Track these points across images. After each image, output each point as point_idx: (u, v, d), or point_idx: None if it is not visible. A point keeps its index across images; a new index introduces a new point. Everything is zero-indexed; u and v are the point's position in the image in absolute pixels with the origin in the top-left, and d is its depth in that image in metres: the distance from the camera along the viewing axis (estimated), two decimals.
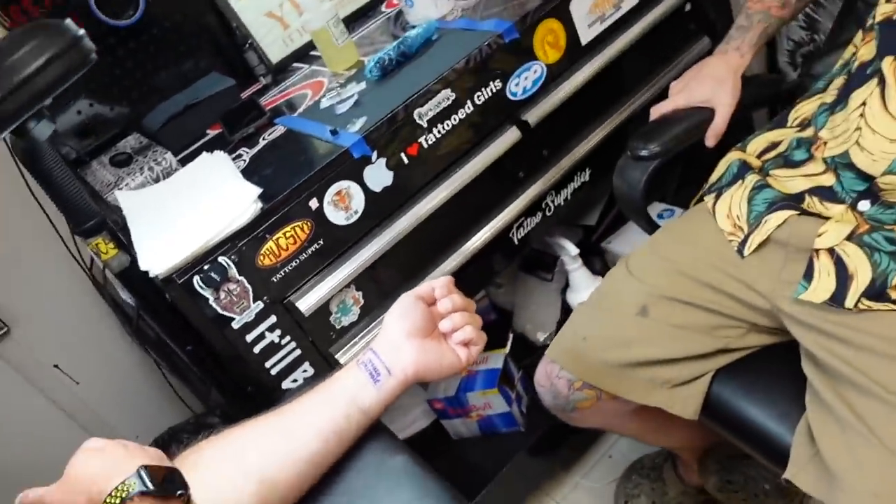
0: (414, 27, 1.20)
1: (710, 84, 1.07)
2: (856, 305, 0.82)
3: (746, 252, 0.93)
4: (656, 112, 1.10)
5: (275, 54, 1.36)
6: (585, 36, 1.20)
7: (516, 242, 1.24)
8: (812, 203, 0.91)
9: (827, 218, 0.89)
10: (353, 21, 1.45)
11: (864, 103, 0.89)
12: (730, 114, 1.05)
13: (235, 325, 0.97)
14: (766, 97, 1.14)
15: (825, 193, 0.90)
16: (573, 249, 1.38)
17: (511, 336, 1.48)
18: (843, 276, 0.83)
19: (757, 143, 1.05)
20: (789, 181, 0.95)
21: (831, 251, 0.85)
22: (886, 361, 0.78)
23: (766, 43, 1.15)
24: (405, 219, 1.07)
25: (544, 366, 1.05)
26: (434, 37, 1.19)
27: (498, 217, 1.18)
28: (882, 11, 0.91)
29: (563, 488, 1.53)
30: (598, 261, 1.59)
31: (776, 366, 0.93)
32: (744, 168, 1.00)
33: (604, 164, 1.27)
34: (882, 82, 0.87)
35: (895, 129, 0.84)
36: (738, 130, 1.09)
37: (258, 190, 0.94)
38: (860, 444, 0.77)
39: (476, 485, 1.34)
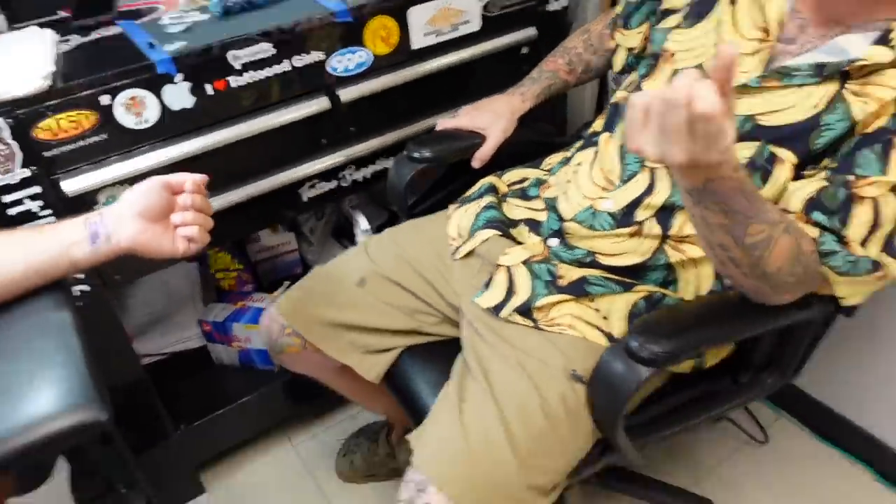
0: None
1: (490, 115, 1.23)
2: (508, 317, 0.99)
3: (456, 256, 1.10)
4: (441, 125, 1.26)
5: None
6: (418, 42, 1.34)
7: (304, 199, 1.37)
8: (521, 231, 1.09)
9: (520, 243, 1.06)
10: None
11: (580, 163, 1.07)
12: (496, 145, 1.22)
13: None
14: (537, 141, 1.31)
15: (534, 226, 1.08)
16: (364, 224, 1.52)
17: None
18: (510, 291, 1.01)
19: (512, 175, 1.22)
20: (516, 209, 1.12)
21: (508, 269, 1.02)
22: (505, 365, 0.96)
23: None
24: (196, 141, 1.17)
25: (270, 309, 1.18)
26: None
27: (291, 170, 1.31)
28: (616, 95, 1.09)
29: (302, 435, 1.67)
30: None
31: (451, 354, 1.10)
32: (490, 190, 1.17)
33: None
34: (597, 151, 1.06)
35: (590, 188, 1.02)
36: (508, 160, 1.26)
37: (51, 68, 1.03)
38: (457, 424, 0.92)
39: (210, 408, 1.47)
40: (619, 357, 0.85)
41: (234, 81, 1.18)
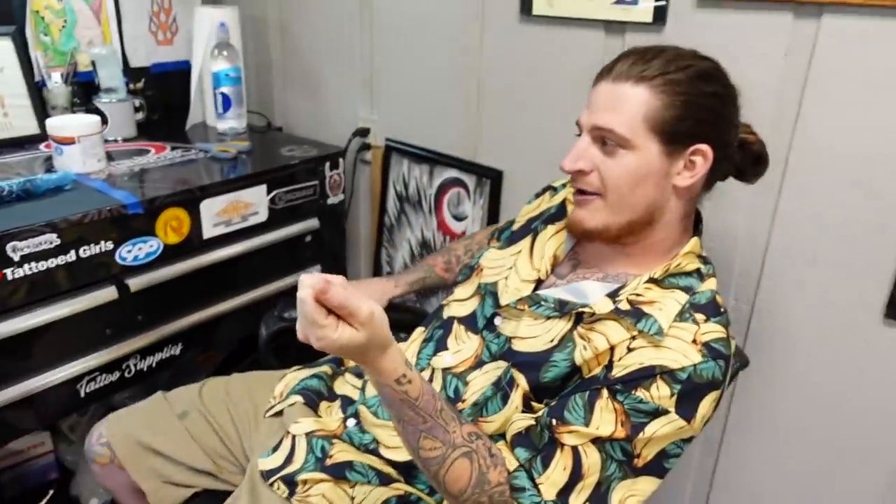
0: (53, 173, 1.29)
1: (361, 292, 1.23)
2: (275, 482, 1.01)
3: (266, 414, 1.14)
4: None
5: None
6: (208, 232, 1.39)
7: (83, 395, 1.27)
8: (328, 406, 1.13)
9: (320, 417, 1.11)
10: (6, 147, 1.49)
11: None
12: None
13: None
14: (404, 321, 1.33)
15: (347, 403, 1.12)
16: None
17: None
18: (290, 458, 1.03)
19: None
20: (346, 385, 1.16)
21: (293, 438, 1.06)
22: None
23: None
24: None
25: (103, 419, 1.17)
26: (68, 187, 1.28)
27: (68, 365, 1.22)
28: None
29: None
30: None
31: None
32: (334, 360, 1.23)
33: (195, 344, 1.41)
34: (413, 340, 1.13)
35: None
36: None
37: None
38: None
39: None
40: None
41: (11, 273, 1.11)
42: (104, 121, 1.59)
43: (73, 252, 1.18)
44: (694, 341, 0.82)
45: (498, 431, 0.91)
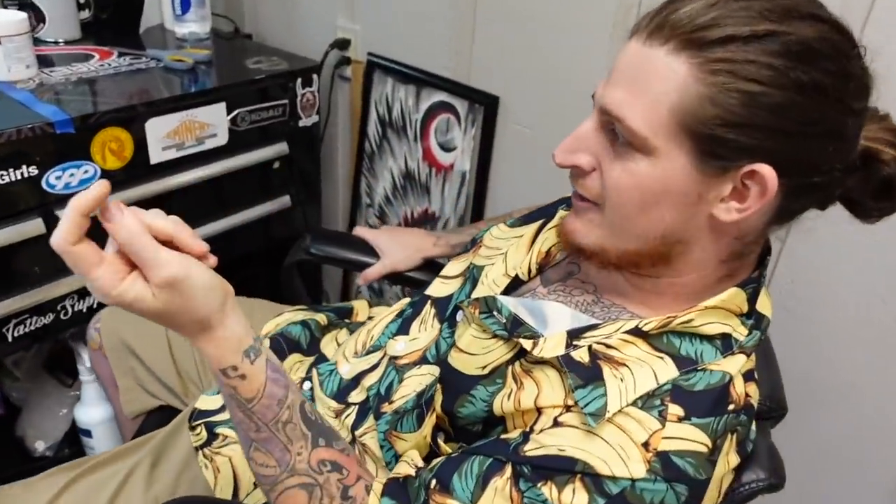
0: None
1: (396, 244, 1.10)
2: (198, 426, 0.90)
3: None
4: (356, 231, 1.15)
5: None
6: (157, 156, 1.20)
7: (10, 339, 1.12)
8: (292, 358, 1.00)
9: None
10: None
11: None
12: (382, 272, 1.08)
13: None
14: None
15: (319, 361, 0.97)
16: (89, 361, 1.29)
17: None
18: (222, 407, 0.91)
19: (379, 309, 1.11)
20: (329, 345, 1.02)
21: None
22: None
23: None
24: None
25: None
26: None
27: None
28: None
29: None
30: None
31: None
32: (342, 311, 1.10)
33: None
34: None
35: (350, 346, 0.94)
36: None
37: None
38: None
39: None
40: None
41: None
42: (40, 18, 1.37)
43: None
44: (646, 445, 0.55)
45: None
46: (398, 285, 1.33)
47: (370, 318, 1.07)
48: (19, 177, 1.03)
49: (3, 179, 1.02)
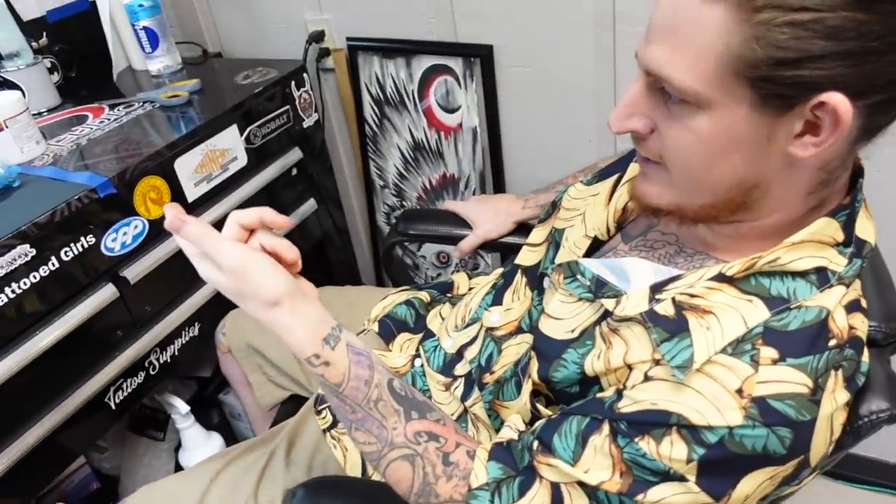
0: None
1: (486, 212, 1.12)
2: (323, 409, 0.96)
3: None
4: (446, 205, 1.19)
5: None
6: (192, 193, 1.21)
7: (114, 407, 1.13)
8: (405, 339, 1.03)
9: (390, 351, 1.02)
10: None
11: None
12: (477, 242, 1.11)
13: None
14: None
15: (427, 337, 1.01)
16: (184, 407, 1.31)
17: None
18: None
19: (481, 279, 1.10)
20: (435, 319, 1.04)
21: None
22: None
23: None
24: None
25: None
26: (16, 184, 1.07)
27: (89, 383, 1.07)
28: None
29: None
30: (215, 413, 1.53)
31: None
32: (442, 286, 1.13)
33: (213, 317, 1.26)
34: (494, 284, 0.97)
35: (452, 321, 0.98)
36: None
37: None
38: None
39: None
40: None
41: None
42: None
43: (53, 259, 1.00)
44: (739, 391, 0.54)
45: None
46: (495, 252, 1.37)
47: (471, 289, 1.09)
48: (80, 249, 1.03)
49: (67, 256, 1.01)
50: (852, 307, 0.59)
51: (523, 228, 1.10)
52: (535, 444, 0.64)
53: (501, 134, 1.46)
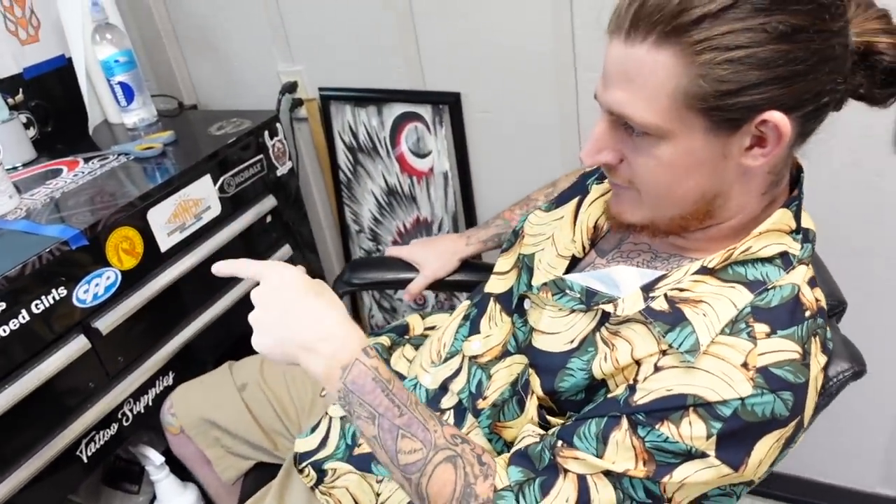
0: None
1: (430, 253, 1.16)
2: (305, 467, 0.95)
3: (321, 392, 1.07)
4: (389, 251, 1.21)
5: None
6: (164, 243, 1.22)
7: (86, 460, 1.12)
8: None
9: None
10: None
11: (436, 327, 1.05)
12: (426, 283, 1.15)
13: None
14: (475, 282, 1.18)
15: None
16: (158, 458, 1.30)
17: None
18: (325, 441, 0.96)
19: (435, 318, 1.16)
20: (401, 360, 1.06)
21: (330, 420, 0.99)
22: None
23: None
24: None
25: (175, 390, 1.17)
26: None
27: (60, 436, 1.07)
28: None
29: None
30: None
31: None
32: (397, 329, 1.13)
33: (189, 365, 1.27)
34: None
35: (425, 358, 0.98)
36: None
37: None
38: None
39: None
40: None
41: None
42: None
43: (24, 312, 1.00)
44: (745, 365, 0.60)
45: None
46: (444, 291, 1.39)
47: (428, 328, 1.12)
48: (52, 301, 1.04)
49: (38, 308, 1.02)
50: (812, 283, 0.67)
51: (467, 266, 1.16)
52: (559, 442, 0.67)
53: (472, 176, 1.49)
